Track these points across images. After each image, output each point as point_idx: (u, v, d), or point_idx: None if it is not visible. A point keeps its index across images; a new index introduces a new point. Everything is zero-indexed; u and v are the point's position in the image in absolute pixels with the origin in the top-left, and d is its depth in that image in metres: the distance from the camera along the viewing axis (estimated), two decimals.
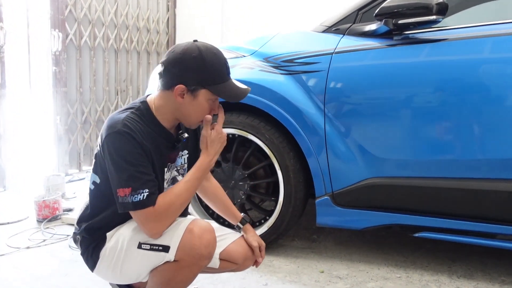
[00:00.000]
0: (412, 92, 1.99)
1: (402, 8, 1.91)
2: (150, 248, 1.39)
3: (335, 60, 2.07)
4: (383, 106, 2.02)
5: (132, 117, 1.39)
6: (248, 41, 2.39)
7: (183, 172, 1.60)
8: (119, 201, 1.34)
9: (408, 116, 2.00)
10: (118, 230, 1.47)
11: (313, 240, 2.50)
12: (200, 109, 1.41)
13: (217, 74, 1.38)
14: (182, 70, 1.36)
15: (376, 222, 2.10)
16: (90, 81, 4.00)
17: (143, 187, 1.33)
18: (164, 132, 1.46)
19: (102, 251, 1.47)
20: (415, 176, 2.02)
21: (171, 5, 4.77)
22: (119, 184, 1.34)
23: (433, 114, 1.96)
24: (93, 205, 1.50)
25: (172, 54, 1.39)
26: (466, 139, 1.92)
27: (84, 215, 1.52)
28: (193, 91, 1.37)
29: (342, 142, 2.07)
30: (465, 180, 1.94)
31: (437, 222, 2.02)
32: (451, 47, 1.96)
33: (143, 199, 1.33)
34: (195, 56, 1.36)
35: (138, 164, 1.34)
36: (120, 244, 1.43)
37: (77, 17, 3.79)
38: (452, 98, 1.92)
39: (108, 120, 1.40)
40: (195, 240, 1.36)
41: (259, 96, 2.17)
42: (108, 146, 1.35)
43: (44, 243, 2.44)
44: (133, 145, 1.34)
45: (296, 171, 2.18)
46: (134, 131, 1.35)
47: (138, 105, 1.45)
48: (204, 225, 1.41)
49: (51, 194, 2.88)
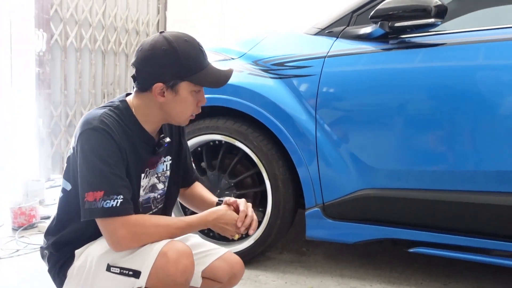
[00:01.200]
0: (407, 99, 1.89)
1: (399, 10, 1.82)
2: (120, 272, 1.24)
3: (328, 64, 1.96)
4: (377, 113, 1.92)
5: (110, 114, 1.27)
6: (237, 43, 2.28)
7: (165, 179, 1.48)
8: (85, 207, 1.20)
9: (402, 124, 1.90)
10: (88, 247, 1.32)
11: (302, 253, 2.38)
12: (185, 104, 1.30)
13: (194, 62, 1.27)
14: (155, 67, 1.25)
15: (369, 236, 1.99)
16: (75, 83, 3.86)
17: (117, 192, 1.20)
18: (144, 134, 1.34)
19: (69, 269, 1.33)
20: (409, 188, 1.92)
21: (162, 7, 4.66)
22: (89, 186, 1.20)
23: (428, 122, 1.87)
24: (60, 216, 1.37)
25: (141, 53, 1.27)
26: (463, 150, 1.83)
27: (50, 227, 1.39)
28: (172, 86, 1.27)
29: (334, 151, 1.96)
30: (461, 193, 1.84)
31: (432, 237, 1.91)
32: (449, 53, 1.86)
33: (116, 206, 1.19)
34: (166, 49, 1.24)
35: (114, 165, 1.22)
36: (89, 264, 1.29)
37: (62, 17, 3.66)
38: (448, 106, 1.83)
39: (84, 117, 1.28)
40: (170, 265, 1.20)
41: (248, 101, 2.06)
42: (82, 144, 1.23)
43: (17, 253, 2.30)
44: (110, 143, 1.22)
45: (285, 180, 2.06)
46: (111, 128, 1.23)
47: (117, 103, 1.33)
48: (180, 248, 1.24)
49: (29, 200, 2.74)
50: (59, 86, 3.74)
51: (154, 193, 1.45)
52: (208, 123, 2.15)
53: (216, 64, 1.38)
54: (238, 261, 1.51)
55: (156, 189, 1.45)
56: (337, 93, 1.96)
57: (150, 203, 1.44)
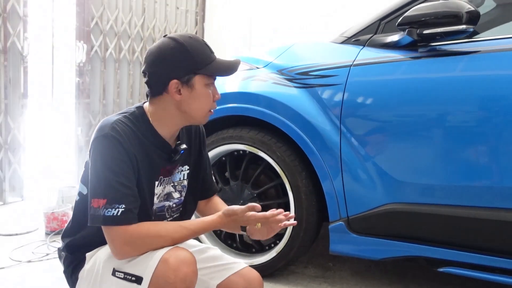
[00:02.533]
0: (437, 110, 1.79)
1: (429, 16, 1.73)
2: (124, 277, 1.24)
3: (353, 73, 1.90)
4: (404, 124, 1.83)
5: (123, 121, 1.27)
6: (262, 52, 2.26)
7: (181, 189, 1.46)
8: (91, 213, 1.21)
9: (432, 137, 1.80)
10: (97, 251, 1.33)
11: (328, 268, 2.30)
12: (202, 98, 1.31)
13: (203, 55, 1.29)
14: (167, 65, 1.26)
15: (395, 253, 1.89)
16: (113, 93, 3.97)
17: (119, 201, 1.20)
18: (160, 141, 1.34)
19: (80, 272, 1.35)
20: (441, 204, 1.80)
21: (200, 19, 4.73)
22: (94, 193, 1.21)
23: (465, 135, 1.75)
24: (76, 219, 1.38)
25: (150, 57, 1.29)
26: (502, 164, 1.70)
27: (67, 230, 1.41)
28: (187, 82, 1.28)
29: (359, 163, 1.89)
30: (499, 211, 1.71)
31: (465, 256, 1.79)
32: (484, 61, 1.75)
33: (116, 215, 1.19)
34: (174, 46, 1.27)
35: (121, 173, 1.21)
36: (97, 267, 1.30)
37: (102, 29, 3.79)
38: (483, 117, 1.72)
39: (100, 123, 1.29)
40: (169, 272, 1.18)
41: (271, 110, 2.03)
42: (93, 150, 1.24)
43: (46, 257, 2.36)
44: (119, 151, 1.22)
45: (308, 192, 2.00)
46: (122, 135, 1.24)
47: (133, 110, 1.34)
48: (182, 255, 1.21)
49: (63, 206, 2.82)
50: (98, 95, 3.86)
51: (169, 201, 1.44)
52: (232, 132, 2.13)
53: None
54: (256, 277, 1.45)
55: (171, 198, 1.44)
56: (362, 103, 1.89)
57: (165, 212, 1.43)
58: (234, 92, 2.12)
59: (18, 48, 3.20)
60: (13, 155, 3.27)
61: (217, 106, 1.63)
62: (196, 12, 4.72)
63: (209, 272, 1.41)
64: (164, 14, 4.34)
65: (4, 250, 2.42)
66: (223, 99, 2.05)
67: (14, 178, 3.32)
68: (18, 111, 3.27)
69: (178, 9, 4.50)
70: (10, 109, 3.22)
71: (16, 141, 3.28)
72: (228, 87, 2.13)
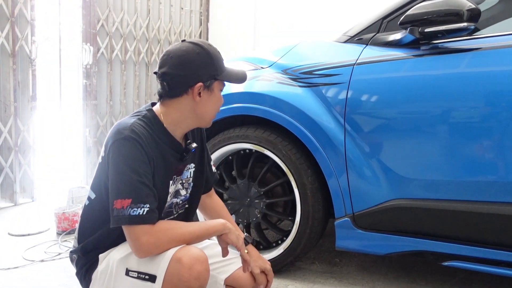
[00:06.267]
0: (440, 106, 1.81)
1: (431, 15, 1.76)
2: (137, 277, 1.28)
3: (357, 72, 1.93)
4: (407, 121, 1.86)
5: (139, 124, 1.32)
6: (267, 52, 2.29)
7: (188, 186, 1.51)
8: (114, 214, 1.24)
9: (435, 133, 1.82)
10: (110, 252, 1.37)
11: (335, 264, 2.33)
12: (217, 102, 1.42)
13: (221, 62, 1.40)
14: (194, 69, 1.33)
15: (401, 248, 1.92)
16: (120, 94, 4.02)
17: (144, 200, 1.24)
18: (173, 141, 1.39)
19: (94, 273, 1.39)
20: (446, 199, 1.83)
21: (204, 19, 4.77)
22: (118, 194, 1.24)
23: (469, 130, 1.78)
24: (86, 223, 1.42)
25: (173, 60, 1.34)
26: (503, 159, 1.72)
27: (78, 234, 1.45)
28: (209, 86, 1.37)
29: (363, 160, 1.92)
30: (504, 205, 1.74)
31: (470, 250, 1.81)
32: (485, 57, 1.77)
33: (143, 214, 1.23)
34: (199, 52, 1.34)
35: (143, 174, 1.26)
36: (110, 268, 1.34)
37: (108, 31, 3.84)
38: (485, 112, 1.74)
39: (114, 126, 1.34)
40: (183, 271, 1.22)
41: (276, 109, 2.06)
42: (113, 153, 1.28)
43: (58, 257, 2.41)
44: (140, 152, 1.27)
45: (314, 190, 2.04)
46: (141, 138, 1.29)
47: (144, 112, 1.39)
48: (195, 253, 1.25)
49: (73, 206, 2.87)
50: (105, 97, 3.91)
51: (176, 198, 1.49)
52: (238, 132, 2.17)
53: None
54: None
55: (179, 195, 1.49)
56: (366, 101, 1.92)
57: (172, 208, 1.48)
58: (240, 92, 2.15)
59: (26, 51, 3.25)
60: (23, 157, 3.32)
61: (223, 106, 1.71)
62: (200, 12, 4.76)
63: (217, 267, 1.45)
64: (169, 15, 4.38)
65: (17, 250, 2.47)
66: (229, 99, 2.10)
67: (25, 179, 3.38)
68: (27, 114, 3.32)
69: (182, 9, 4.54)
70: (20, 112, 3.28)
71: (26, 143, 3.34)
72: (233, 88, 2.17)
